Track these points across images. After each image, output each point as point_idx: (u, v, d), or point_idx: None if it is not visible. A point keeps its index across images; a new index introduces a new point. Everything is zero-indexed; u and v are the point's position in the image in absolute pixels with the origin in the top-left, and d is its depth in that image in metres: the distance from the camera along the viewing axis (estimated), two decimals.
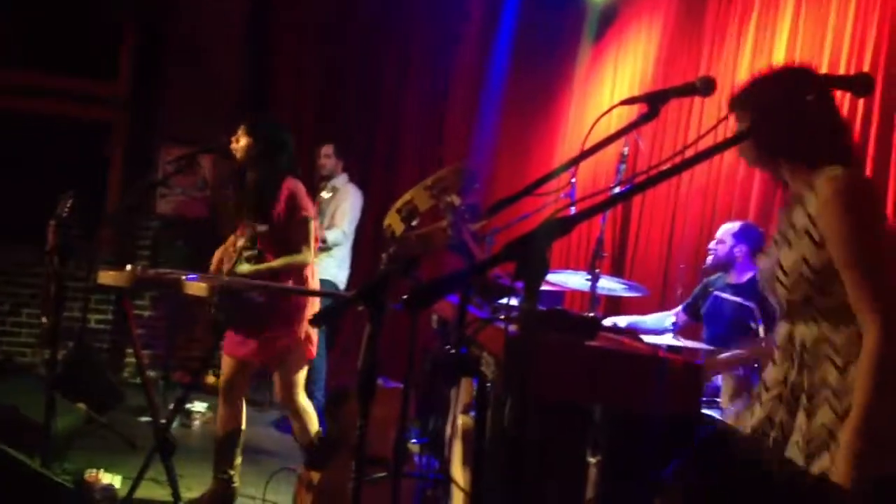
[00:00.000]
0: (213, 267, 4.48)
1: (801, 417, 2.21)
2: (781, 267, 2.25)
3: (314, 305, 4.44)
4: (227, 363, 4.44)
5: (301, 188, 4.35)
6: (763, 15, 5.42)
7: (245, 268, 4.28)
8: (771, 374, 2.34)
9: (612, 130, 2.45)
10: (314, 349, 4.49)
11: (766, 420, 2.30)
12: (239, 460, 4.46)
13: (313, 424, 4.50)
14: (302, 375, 4.48)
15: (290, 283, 4.36)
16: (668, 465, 2.52)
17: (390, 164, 7.78)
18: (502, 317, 2.12)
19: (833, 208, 2.15)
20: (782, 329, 2.33)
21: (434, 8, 7.68)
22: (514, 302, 2.17)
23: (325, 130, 7.50)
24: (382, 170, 7.76)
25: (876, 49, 4.62)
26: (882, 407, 2.08)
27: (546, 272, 1.66)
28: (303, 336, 4.38)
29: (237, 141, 4.32)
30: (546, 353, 1.94)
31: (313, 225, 4.37)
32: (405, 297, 1.69)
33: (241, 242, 4.35)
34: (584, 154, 2.40)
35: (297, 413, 4.49)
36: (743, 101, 2.36)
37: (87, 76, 7.42)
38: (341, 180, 6.56)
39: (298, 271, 4.40)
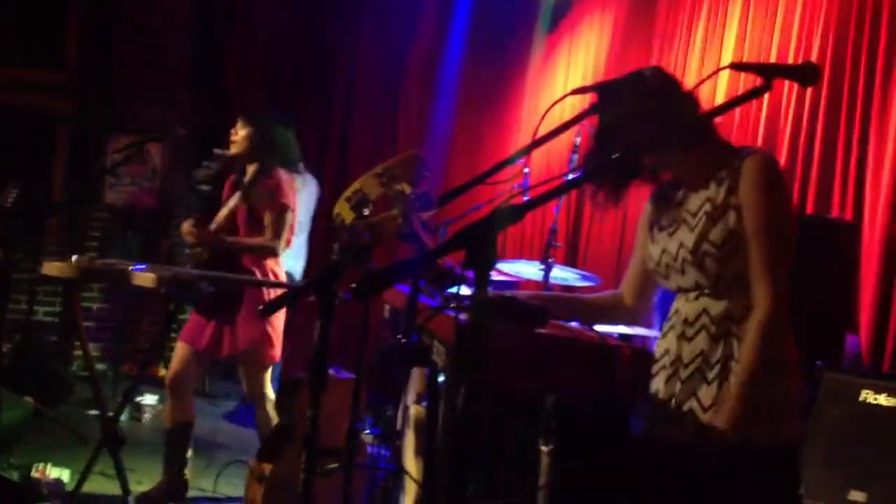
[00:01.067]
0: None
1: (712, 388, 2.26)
2: (710, 242, 2.28)
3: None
4: (183, 352, 4.34)
5: (287, 178, 4.37)
6: (713, 8, 5.48)
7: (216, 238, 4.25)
8: (687, 349, 2.35)
9: (565, 120, 2.46)
10: (278, 352, 4.43)
11: (689, 398, 2.31)
12: (189, 453, 4.41)
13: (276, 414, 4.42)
14: (268, 371, 4.42)
15: (256, 273, 4.31)
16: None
17: (344, 154, 7.74)
18: (453, 305, 2.12)
19: (756, 179, 2.25)
20: (696, 305, 2.34)
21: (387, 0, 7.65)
22: (464, 290, 2.16)
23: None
24: (336, 160, 7.71)
25: (822, 43, 4.69)
26: (766, 378, 2.19)
27: (496, 260, 1.66)
28: (271, 332, 4.35)
29: (235, 133, 4.32)
30: (496, 341, 1.94)
31: (290, 218, 4.35)
32: (354, 285, 1.68)
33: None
34: (536, 143, 2.41)
35: (267, 406, 4.40)
36: (626, 111, 2.36)
37: (31, 64, 7.26)
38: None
39: (263, 264, 4.35)
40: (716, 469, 2.22)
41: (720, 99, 5.04)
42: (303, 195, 6.43)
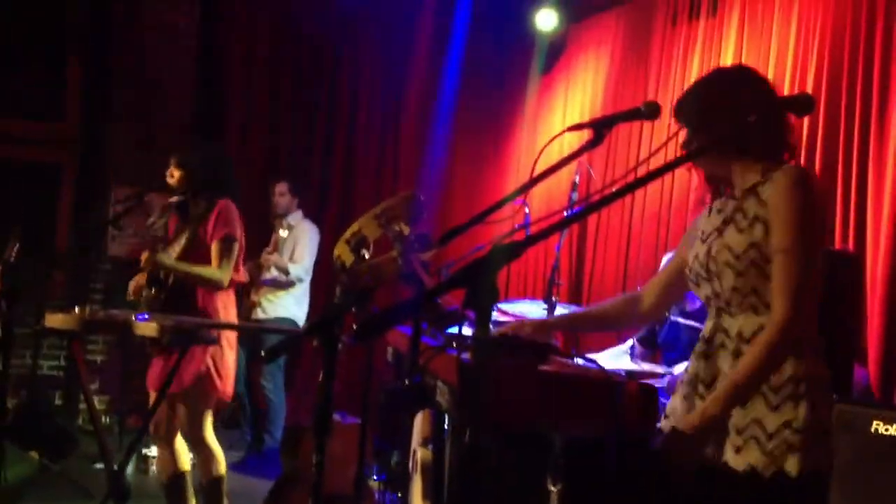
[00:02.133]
0: (131, 290, 4.30)
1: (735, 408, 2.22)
2: (731, 251, 2.25)
3: (232, 342, 4.23)
4: (152, 399, 4.16)
5: (233, 209, 4.22)
6: (707, 41, 5.54)
7: (165, 257, 4.10)
8: (704, 368, 2.32)
9: (563, 157, 2.46)
10: (229, 389, 4.23)
11: None
12: (194, 502, 4.33)
13: (219, 467, 4.24)
14: (210, 412, 4.20)
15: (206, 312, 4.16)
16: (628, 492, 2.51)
17: (345, 201, 7.77)
18: (454, 344, 2.11)
19: (786, 194, 2.20)
20: (712, 322, 2.33)
21: (382, 42, 7.72)
22: (465, 329, 2.15)
23: (277, 167, 7.50)
24: (337, 206, 7.74)
25: (817, 73, 4.72)
26: (817, 408, 2.16)
27: (496, 298, 1.65)
28: (212, 368, 4.11)
29: (171, 176, 4.27)
30: (499, 379, 1.93)
31: (236, 248, 4.19)
32: (355, 327, 1.67)
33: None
34: (534, 181, 2.41)
35: (204, 453, 4.20)
36: (687, 114, 2.38)
37: (33, 117, 7.32)
38: (296, 217, 6.56)
39: (213, 300, 4.18)
40: (743, 498, 2.18)
41: None
42: (304, 241, 6.46)
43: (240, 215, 4.28)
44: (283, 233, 6.40)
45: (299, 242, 6.44)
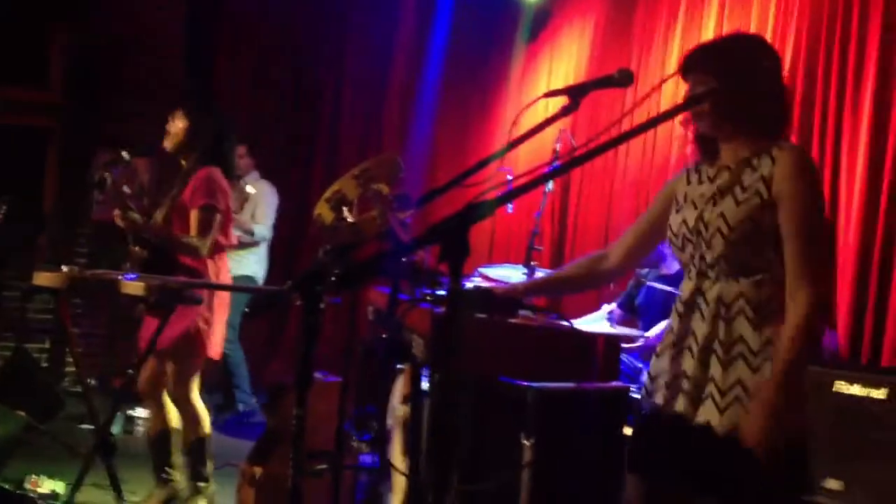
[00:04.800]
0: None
1: (715, 369, 2.30)
2: (726, 221, 2.31)
3: (223, 303, 4.26)
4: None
5: (218, 178, 4.17)
6: (689, 13, 5.60)
7: (136, 217, 4.11)
8: (676, 328, 2.41)
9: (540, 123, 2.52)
10: (218, 348, 4.26)
11: (679, 374, 2.36)
12: (179, 460, 4.38)
13: (204, 427, 4.27)
14: (197, 372, 4.23)
15: (203, 271, 4.16)
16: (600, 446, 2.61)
17: (330, 169, 7.82)
18: (428, 298, 2.19)
19: (797, 180, 2.26)
20: (692, 284, 2.39)
21: (368, 12, 7.75)
22: (440, 284, 2.23)
23: (265, 132, 7.56)
24: (322, 175, 7.79)
25: (796, 42, 4.80)
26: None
27: (467, 253, 1.72)
28: (202, 327, 4.13)
29: (173, 125, 4.22)
30: (470, 331, 2.01)
31: (217, 218, 4.15)
32: (333, 277, 1.74)
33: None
34: (510, 145, 2.47)
35: (189, 412, 4.24)
36: (705, 62, 2.39)
37: (17, 82, 7.33)
38: (254, 177, 6.73)
39: (209, 262, 4.19)
40: (725, 457, 2.26)
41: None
42: (265, 201, 6.63)
43: (228, 185, 4.27)
44: (250, 189, 6.56)
45: (260, 203, 6.61)
